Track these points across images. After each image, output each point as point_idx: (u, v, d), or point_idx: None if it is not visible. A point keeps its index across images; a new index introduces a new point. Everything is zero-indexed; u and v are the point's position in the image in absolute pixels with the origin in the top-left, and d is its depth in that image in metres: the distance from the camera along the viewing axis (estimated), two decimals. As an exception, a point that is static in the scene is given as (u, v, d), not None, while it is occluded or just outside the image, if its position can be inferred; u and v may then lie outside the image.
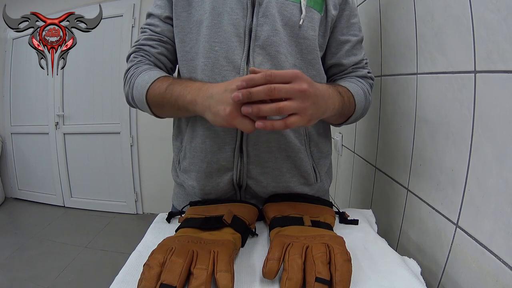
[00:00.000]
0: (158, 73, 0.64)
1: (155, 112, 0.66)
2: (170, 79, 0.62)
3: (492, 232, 0.45)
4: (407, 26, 0.69)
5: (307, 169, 0.68)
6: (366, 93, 0.69)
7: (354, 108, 0.65)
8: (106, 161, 2.99)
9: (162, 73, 0.65)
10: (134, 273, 0.45)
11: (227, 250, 0.46)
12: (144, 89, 0.62)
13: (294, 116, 0.48)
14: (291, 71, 0.48)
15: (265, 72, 0.47)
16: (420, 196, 0.65)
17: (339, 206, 0.71)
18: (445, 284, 0.55)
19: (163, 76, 0.63)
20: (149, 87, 0.61)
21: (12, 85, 3.12)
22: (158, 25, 0.69)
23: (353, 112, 0.66)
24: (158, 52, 0.69)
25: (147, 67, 0.67)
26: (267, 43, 0.61)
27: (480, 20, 0.47)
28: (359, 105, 0.66)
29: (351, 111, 0.66)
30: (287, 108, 0.47)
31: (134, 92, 0.65)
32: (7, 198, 3.32)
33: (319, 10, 0.65)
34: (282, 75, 0.47)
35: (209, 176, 0.66)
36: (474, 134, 0.49)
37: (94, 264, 2.13)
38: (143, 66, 0.67)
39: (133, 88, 0.65)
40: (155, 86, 0.61)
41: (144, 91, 0.62)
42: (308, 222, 0.56)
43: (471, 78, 0.49)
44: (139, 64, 0.67)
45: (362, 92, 0.67)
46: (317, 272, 0.40)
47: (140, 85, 0.63)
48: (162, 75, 0.63)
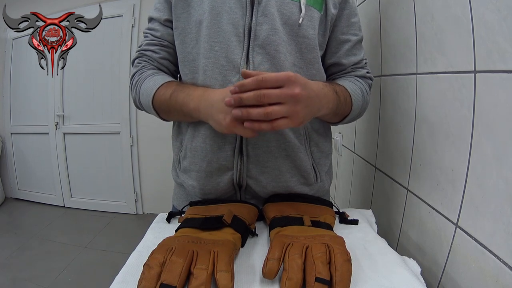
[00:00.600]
0: (161, 79, 0.65)
1: (164, 117, 0.68)
2: (173, 85, 0.63)
3: (492, 232, 0.45)
4: (407, 26, 0.69)
5: (307, 168, 0.68)
6: (364, 93, 0.69)
7: (351, 108, 0.65)
8: (106, 161, 2.99)
9: (166, 78, 0.66)
10: (134, 273, 0.45)
11: (227, 250, 0.46)
12: (150, 96, 0.64)
13: (283, 120, 0.48)
14: (284, 74, 0.47)
15: (256, 78, 0.47)
16: (420, 196, 0.65)
17: (339, 206, 0.71)
18: (445, 284, 0.55)
19: (166, 82, 0.64)
20: (154, 94, 0.63)
21: (12, 85, 3.12)
22: (158, 29, 0.70)
23: (350, 112, 0.66)
24: (160, 57, 0.70)
25: (151, 72, 0.68)
26: (266, 42, 0.61)
27: (480, 20, 0.47)
28: (356, 104, 0.66)
29: (347, 111, 0.66)
30: (275, 113, 0.47)
31: (141, 98, 0.67)
32: (7, 198, 3.32)
33: (319, 9, 0.65)
34: (274, 79, 0.47)
35: (209, 176, 0.66)
36: (474, 134, 0.49)
37: (94, 264, 2.13)
38: (148, 71, 0.68)
39: (139, 94, 0.68)
40: (160, 93, 0.62)
41: (150, 98, 0.64)
42: (308, 222, 0.56)
43: (471, 78, 0.49)
44: (143, 70, 0.69)
45: (360, 92, 0.67)
46: (317, 272, 0.40)
47: (146, 91, 0.65)
48: (165, 80, 0.65)
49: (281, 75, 0.47)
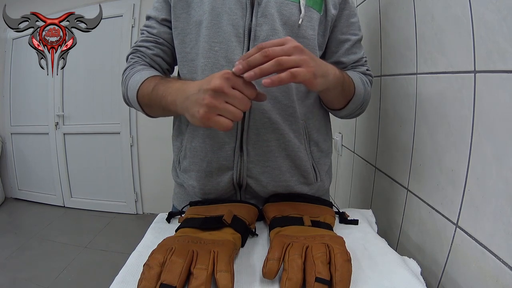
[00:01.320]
0: (149, 73, 0.64)
1: (147, 111, 0.66)
2: (157, 78, 0.62)
3: (492, 232, 0.45)
4: (407, 26, 0.69)
5: (307, 168, 0.68)
6: (365, 82, 0.69)
7: (354, 91, 0.64)
8: (106, 161, 2.99)
9: (154, 73, 0.66)
10: (134, 273, 0.45)
11: (227, 250, 0.46)
12: (135, 89, 0.63)
13: (298, 68, 0.47)
14: (281, 38, 0.49)
15: (257, 45, 0.48)
16: (420, 196, 0.65)
17: (339, 206, 0.71)
18: (445, 284, 0.55)
19: (152, 76, 0.63)
20: (139, 87, 0.62)
21: (12, 85, 3.12)
22: (154, 27, 0.70)
23: (353, 95, 0.65)
24: (153, 54, 0.70)
25: (141, 67, 0.68)
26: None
27: (480, 20, 0.47)
28: (359, 89, 0.65)
29: (351, 91, 0.64)
30: (286, 61, 0.46)
31: (128, 93, 0.66)
32: (7, 198, 3.32)
33: (318, 10, 0.65)
34: (274, 41, 0.48)
35: (210, 176, 0.66)
36: (474, 134, 0.49)
37: (94, 264, 2.13)
38: (138, 66, 0.68)
39: (127, 88, 0.67)
40: (144, 87, 0.62)
41: (135, 92, 0.63)
42: (308, 222, 0.56)
43: (471, 78, 0.49)
44: (135, 65, 0.69)
45: (360, 80, 0.67)
46: (317, 272, 0.40)
47: (132, 85, 0.64)
48: (152, 75, 0.64)
49: (278, 39, 0.49)
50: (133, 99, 0.65)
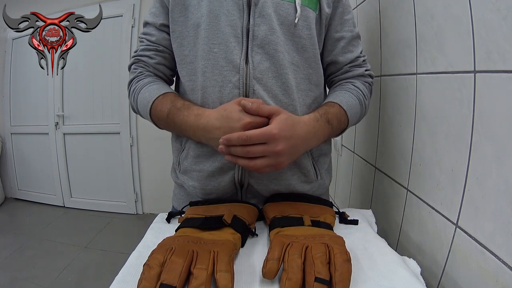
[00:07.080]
0: (157, 90, 0.67)
1: (161, 128, 0.71)
2: (168, 102, 0.65)
3: (492, 232, 0.45)
4: (406, 26, 0.69)
5: (307, 166, 0.68)
6: (362, 102, 0.69)
7: (347, 125, 0.68)
8: (106, 161, 2.99)
9: (161, 88, 0.68)
10: (134, 273, 0.45)
11: (227, 250, 0.46)
12: (147, 109, 0.67)
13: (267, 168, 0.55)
14: (267, 133, 0.53)
15: (240, 136, 0.52)
16: (420, 196, 0.65)
17: (339, 206, 0.71)
18: (445, 284, 0.55)
19: (161, 95, 0.66)
20: (150, 108, 0.66)
21: (12, 85, 3.12)
22: (153, 34, 0.70)
23: (345, 127, 0.68)
24: (155, 62, 0.71)
25: (147, 80, 0.70)
26: (265, 42, 0.62)
27: (480, 20, 0.47)
28: (353, 119, 0.68)
29: (342, 129, 0.68)
30: (259, 165, 0.54)
31: (139, 109, 0.70)
32: (7, 198, 3.32)
33: (314, 9, 0.66)
34: (257, 137, 0.52)
35: (211, 176, 0.66)
36: (474, 134, 0.49)
37: (94, 264, 2.13)
38: (144, 79, 0.70)
39: (137, 103, 0.70)
40: (157, 109, 0.65)
41: (147, 111, 0.67)
42: (308, 222, 0.56)
43: (471, 78, 0.49)
44: (140, 77, 0.71)
45: (357, 103, 0.68)
46: (317, 272, 0.40)
47: (142, 103, 0.68)
48: (160, 92, 0.66)
49: (264, 133, 0.53)
50: (146, 117, 0.70)
